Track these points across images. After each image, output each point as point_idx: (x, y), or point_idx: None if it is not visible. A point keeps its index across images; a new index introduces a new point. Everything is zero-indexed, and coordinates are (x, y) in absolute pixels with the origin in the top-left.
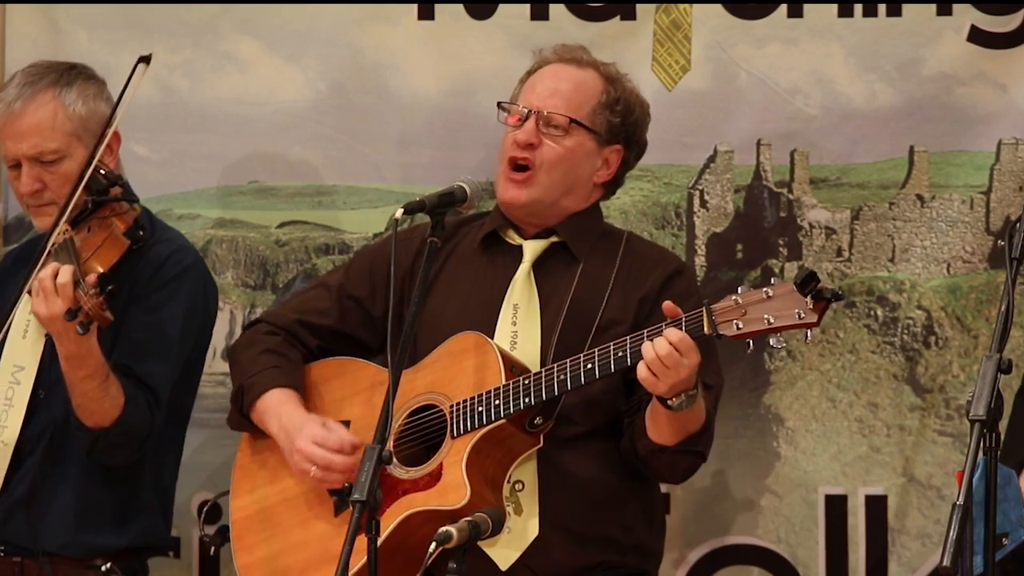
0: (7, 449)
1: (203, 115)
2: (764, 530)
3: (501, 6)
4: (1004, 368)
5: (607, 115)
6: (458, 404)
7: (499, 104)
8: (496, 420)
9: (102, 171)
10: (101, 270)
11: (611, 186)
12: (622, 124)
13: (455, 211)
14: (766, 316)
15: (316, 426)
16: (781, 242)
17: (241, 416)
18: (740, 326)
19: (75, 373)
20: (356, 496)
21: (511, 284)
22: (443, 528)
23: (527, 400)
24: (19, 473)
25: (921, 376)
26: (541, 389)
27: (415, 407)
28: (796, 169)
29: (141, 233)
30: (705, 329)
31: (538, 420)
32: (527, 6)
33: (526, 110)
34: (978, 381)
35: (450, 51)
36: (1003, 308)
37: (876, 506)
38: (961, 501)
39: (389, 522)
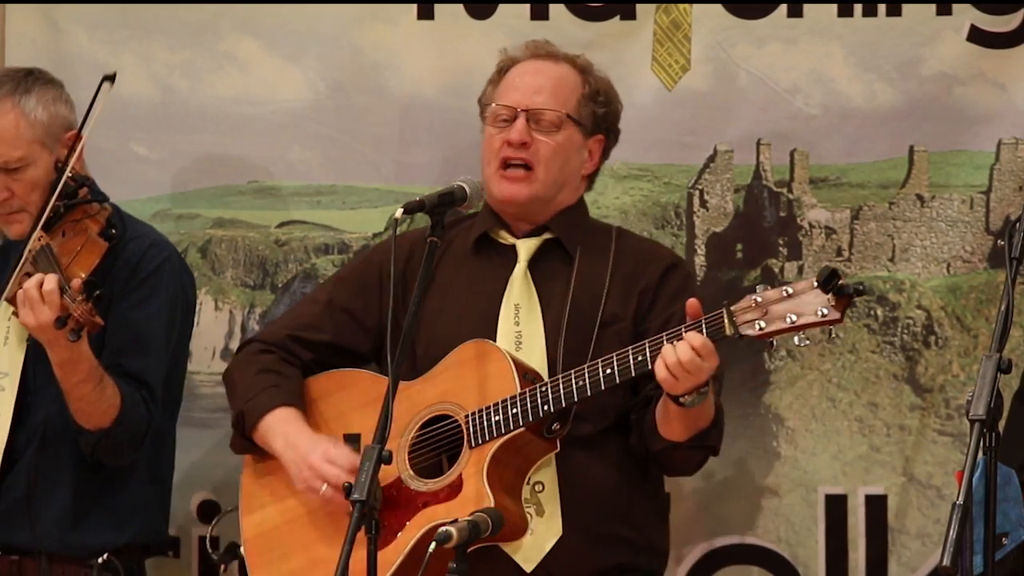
0: None
1: (203, 115)
2: (764, 530)
3: (501, 6)
4: (1004, 368)
5: (591, 106)
6: (473, 414)
7: (481, 101)
8: (515, 429)
9: (69, 173)
10: (83, 275)
11: (593, 177)
12: (605, 114)
13: (454, 211)
14: (789, 315)
15: (328, 445)
16: (781, 242)
17: (244, 440)
18: (762, 326)
19: (69, 379)
20: (356, 496)
21: (509, 284)
22: (443, 528)
23: (546, 408)
24: (11, 478)
25: (921, 376)
26: (560, 396)
27: (427, 418)
28: (796, 169)
29: (114, 231)
30: (727, 331)
31: (555, 426)
32: (527, 6)
33: (516, 109)
34: (978, 381)
35: (450, 51)
36: (1003, 308)
37: (876, 506)
38: (961, 501)
39: (411, 535)
